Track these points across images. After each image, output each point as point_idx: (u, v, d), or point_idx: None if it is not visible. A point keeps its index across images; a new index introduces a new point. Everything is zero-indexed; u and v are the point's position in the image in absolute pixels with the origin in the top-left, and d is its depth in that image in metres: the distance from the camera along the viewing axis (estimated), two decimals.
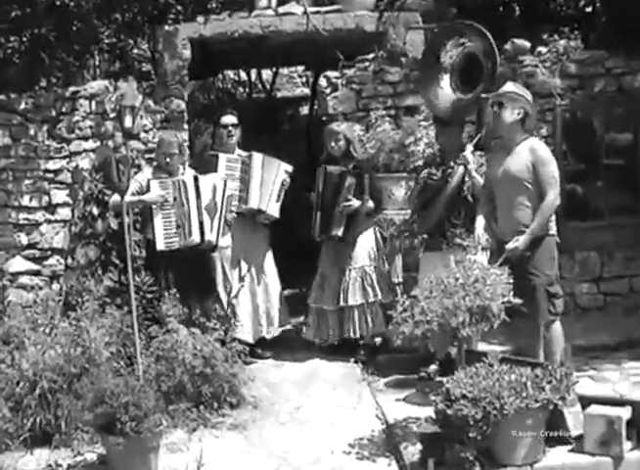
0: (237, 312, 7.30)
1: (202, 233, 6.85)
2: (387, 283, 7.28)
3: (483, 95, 6.23)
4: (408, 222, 7.20)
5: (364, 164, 7.24)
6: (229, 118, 7.44)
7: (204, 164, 7.39)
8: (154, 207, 6.80)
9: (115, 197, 6.59)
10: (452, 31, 6.80)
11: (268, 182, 7.31)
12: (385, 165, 7.48)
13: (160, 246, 6.76)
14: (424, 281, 5.52)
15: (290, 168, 7.46)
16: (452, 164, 6.52)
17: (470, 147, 6.41)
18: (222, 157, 7.29)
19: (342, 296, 7.18)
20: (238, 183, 7.26)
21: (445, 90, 6.74)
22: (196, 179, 6.91)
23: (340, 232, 7.16)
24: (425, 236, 6.83)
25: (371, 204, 7.13)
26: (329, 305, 7.26)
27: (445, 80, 6.73)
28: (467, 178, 6.42)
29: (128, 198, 6.32)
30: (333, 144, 7.23)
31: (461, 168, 6.38)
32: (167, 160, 6.94)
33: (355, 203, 7.11)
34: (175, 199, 6.83)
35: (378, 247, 7.29)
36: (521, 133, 5.95)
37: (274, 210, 7.33)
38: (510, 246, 5.77)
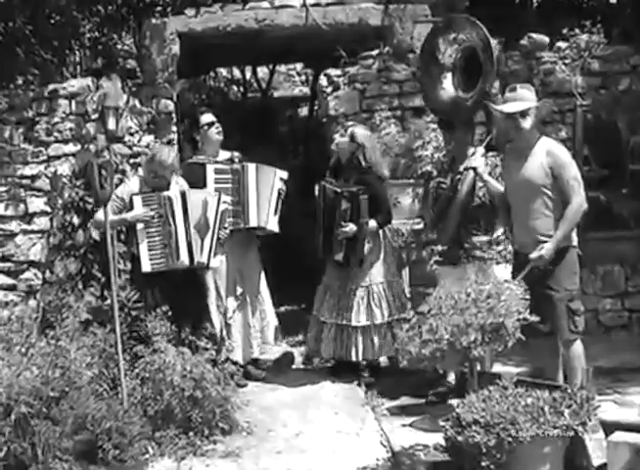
0: (232, 333, 7.35)
1: (190, 254, 6.80)
2: (402, 298, 7.31)
3: (494, 108, 6.21)
4: (416, 232, 7.24)
5: (371, 177, 7.16)
6: (210, 116, 7.42)
7: (184, 174, 7.31)
8: (138, 225, 6.75)
9: (99, 215, 6.59)
10: (444, 26, 6.79)
11: (265, 195, 7.29)
12: (390, 172, 7.50)
13: (146, 268, 6.73)
14: (430, 297, 5.55)
15: (285, 175, 7.44)
16: (461, 169, 6.52)
17: (481, 149, 6.39)
18: (210, 168, 7.22)
19: (344, 314, 7.21)
20: (230, 196, 7.20)
21: (448, 90, 6.74)
22: (183, 195, 6.82)
23: (340, 257, 7.16)
24: (441, 248, 6.83)
25: (373, 223, 7.10)
26: (327, 317, 7.29)
27: (448, 79, 6.73)
28: (479, 184, 6.42)
29: (110, 217, 6.34)
30: (336, 136, 7.25)
31: (470, 174, 6.38)
32: (157, 179, 6.88)
33: (351, 228, 7.08)
34: (161, 216, 6.78)
35: (388, 260, 7.31)
36: (535, 134, 5.99)
37: (274, 224, 7.34)
38: (534, 255, 5.78)
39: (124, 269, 7.31)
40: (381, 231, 7.25)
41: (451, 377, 6.72)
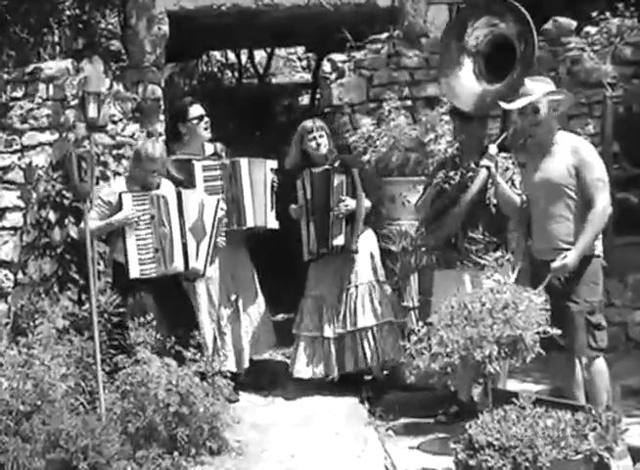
0: (226, 342, 7.38)
1: (185, 259, 6.86)
2: (393, 301, 7.36)
3: (505, 105, 6.22)
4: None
5: (351, 159, 7.39)
6: (199, 109, 7.46)
7: (176, 170, 7.35)
8: (127, 227, 6.78)
9: (93, 224, 6.63)
10: (481, 8, 6.80)
11: (259, 191, 7.37)
12: (399, 167, 7.51)
13: (135, 273, 6.76)
14: (442, 305, 5.57)
15: (275, 165, 7.51)
16: (472, 165, 6.52)
17: (493, 147, 6.37)
18: (197, 166, 7.27)
19: (349, 319, 7.23)
20: (222, 194, 7.26)
21: (466, 78, 6.72)
22: (179, 195, 6.90)
23: (341, 240, 7.22)
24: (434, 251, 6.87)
25: (367, 202, 7.22)
26: (329, 332, 7.30)
27: (467, 66, 6.72)
28: (489, 184, 6.42)
29: (94, 224, 6.35)
30: (316, 142, 7.31)
31: (484, 172, 6.37)
32: (146, 176, 6.90)
33: (351, 202, 7.19)
34: (153, 217, 6.83)
35: (377, 257, 7.39)
36: (555, 129, 6.00)
37: (272, 221, 7.42)
38: (557, 264, 5.77)
39: (105, 271, 7.32)
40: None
41: (463, 395, 6.73)
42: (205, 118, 7.42)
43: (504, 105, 6.08)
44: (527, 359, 5.31)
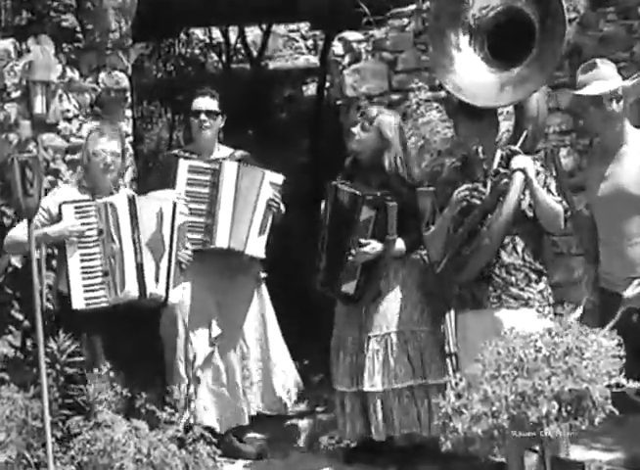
0: (198, 391, 7.38)
1: (141, 283, 6.84)
2: (437, 357, 7.30)
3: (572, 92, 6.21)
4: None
5: (397, 181, 7.17)
6: (204, 102, 7.52)
7: (162, 168, 7.43)
8: (67, 245, 6.77)
9: (16, 232, 6.66)
10: None
11: (246, 205, 7.36)
12: (430, 175, 7.51)
13: (78, 303, 6.74)
14: (485, 351, 5.56)
15: (279, 180, 7.51)
16: (501, 170, 6.38)
17: (517, 149, 6.36)
18: (183, 164, 7.33)
19: (359, 376, 7.21)
20: (204, 204, 7.31)
21: (470, 64, 6.63)
22: (131, 202, 6.87)
23: (351, 289, 7.15)
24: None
25: (400, 245, 7.12)
26: (344, 384, 7.29)
27: (465, 48, 6.67)
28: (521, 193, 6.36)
29: (35, 232, 6.37)
30: (356, 131, 7.23)
31: (519, 176, 6.30)
32: (96, 180, 6.95)
33: (376, 246, 7.08)
34: (101, 232, 6.83)
35: (409, 300, 7.30)
36: (625, 125, 6.03)
37: (256, 247, 7.40)
38: (629, 294, 5.84)
39: (56, 310, 7.33)
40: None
41: (513, 466, 6.72)
42: (203, 117, 7.43)
43: (582, 91, 6.06)
44: (596, 421, 5.30)
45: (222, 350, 7.52)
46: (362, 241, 7.05)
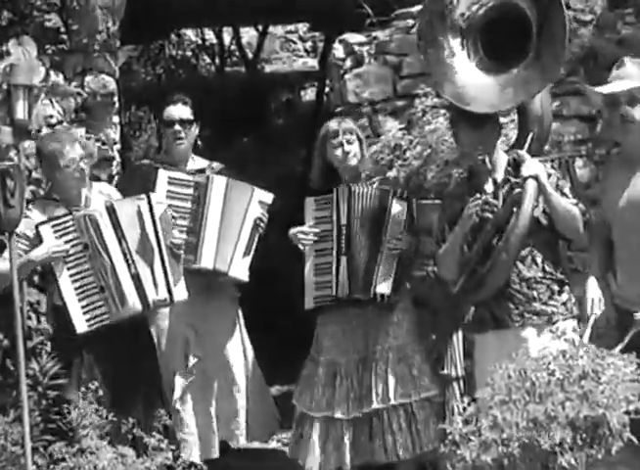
0: (185, 422, 7.38)
1: (142, 294, 6.83)
2: (431, 372, 7.30)
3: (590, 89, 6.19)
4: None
5: (394, 183, 7.35)
6: (177, 110, 7.51)
7: (139, 178, 7.43)
8: (54, 266, 6.75)
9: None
10: None
11: (233, 225, 7.37)
12: (437, 187, 7.51)
13: (81, 327, 6.72)
14: (494, 374, 5.54)
15: (268, 199, 7.52)
16: (501, 181, 6.37)
17: (524, 154, 6.32)
18: (162, 174, 7.31)
19: (374, 394, 7.15)
20: (185, 220, 7.29)
21: (465, 67, 6.57)
22: (110, 209, 6.84)
23: (387, 288, 7.16)
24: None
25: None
26: (343, 411, 7.25)
27: (457, 51, 6.57)
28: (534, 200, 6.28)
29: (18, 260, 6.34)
30: (342, 150, 7.20)
31: (532, 184, 6.21)
32: (65, 189, 6.91)
33: (409, 240, 7.19)
34: (86, 247, 6.80)
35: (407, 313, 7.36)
36: None
37: (240, 270, 7.40)
38: None
39: (38, 328, 7.31)
40: None
41: None
42: (177, 127, 7.43)
43: (601, 88, 6.05)
44: (613, 449, 5.29)
45: (205, 376, 7.51)
46: (398, 235, 7.15)
